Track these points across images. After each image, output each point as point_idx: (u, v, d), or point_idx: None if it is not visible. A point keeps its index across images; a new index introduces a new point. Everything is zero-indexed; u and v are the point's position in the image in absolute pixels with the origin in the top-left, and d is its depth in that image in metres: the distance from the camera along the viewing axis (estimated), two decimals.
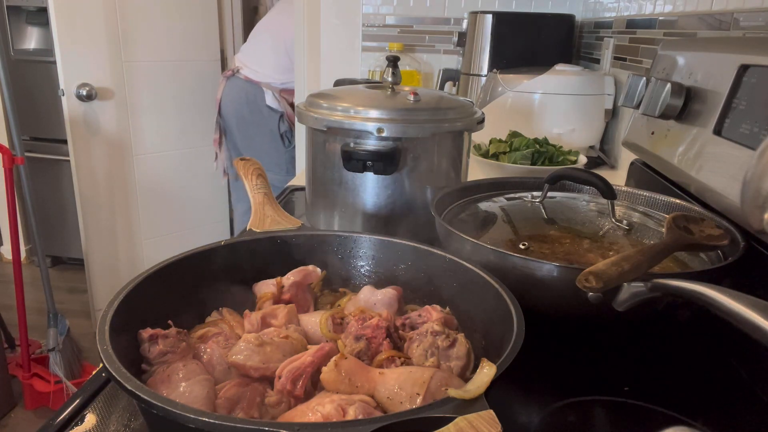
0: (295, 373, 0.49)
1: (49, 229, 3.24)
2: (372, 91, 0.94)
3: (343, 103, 0.87)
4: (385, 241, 0.69)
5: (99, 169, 2.65)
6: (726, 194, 0.68)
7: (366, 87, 0.97)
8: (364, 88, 0.97)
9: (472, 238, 0.68)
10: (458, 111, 0.91)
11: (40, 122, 3.16)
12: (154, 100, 2.78)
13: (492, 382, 0.41)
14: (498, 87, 1.55)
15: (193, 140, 2.97)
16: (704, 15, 1.05)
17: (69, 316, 2.51)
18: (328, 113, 0.88)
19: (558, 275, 0.61)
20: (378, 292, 0.63)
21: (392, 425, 0.37)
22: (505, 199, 0.88)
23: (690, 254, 0.71)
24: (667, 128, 0.88)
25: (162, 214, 2.95)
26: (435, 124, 0.87)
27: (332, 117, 0.87)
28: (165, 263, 0.59)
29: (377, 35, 2.16)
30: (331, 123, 0.87)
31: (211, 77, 3.02)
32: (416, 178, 0.89)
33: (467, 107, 0.93)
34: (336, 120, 0.87)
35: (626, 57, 1.50)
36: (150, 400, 0.39)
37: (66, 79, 2.44)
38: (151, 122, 2.80)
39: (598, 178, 0.79)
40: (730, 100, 0.72)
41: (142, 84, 2.71)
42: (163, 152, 2.89)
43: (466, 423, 0.37)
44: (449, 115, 0.89)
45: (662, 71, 0.93)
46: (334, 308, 0.66)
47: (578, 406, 0.58)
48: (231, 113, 2.63)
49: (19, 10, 3.12)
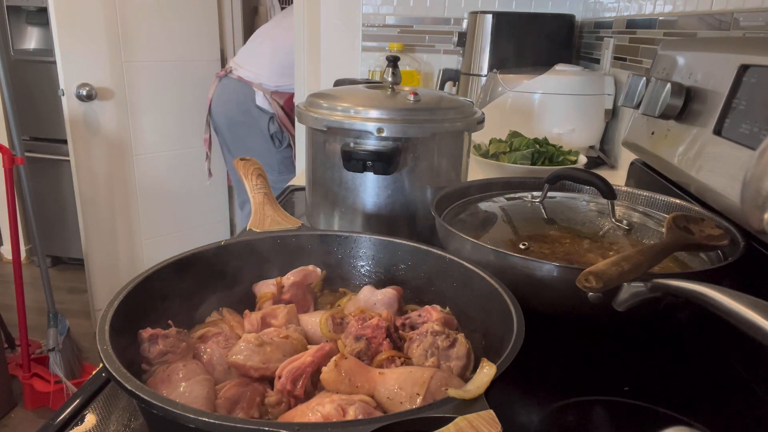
0: (295, 373, 0.49)
1: (49, 229, 3.24)
2: (372, 91, 0.94)
3: (343, 103, 0.87)
4: (385, 241, 0.69)
5: (99, 169, 2.65)
6: (726, 194, 0.68)
7: (366, 87, 0.97)
8: (364, 88, 0.97)
9: (472, 238, 0.68)
10: (458, 111, 0.91)
11: (40, 122, 3.16)
12: (154, 100, 2.78)
13: (492, 382, 0.41)
14: (498, 87, 1.55)
15: (194, 140, 2.97)
16: (704, 15, 1.05)
17: (69, 316, 2.51)
18: (328, 113, 0.88)
19: (558, 275, 0.61)
20: (378, 292, 0.63)
21: (392, 425, 0.37)
22: (505, 199, 0.88)
23: (690, 254, 0.71)
24: (667, 128, 0.88)
25: (162, 214, 2.95)
26: (435, 124, 0.87)
27: (332, 117, 0.87)
28: (165, 263, 0.59)
29: (377, 35, 2.16)
30: (331, 123, 0.87)
31: (211, 77, 3.01)
32: (416, 178, 0.89)
33: (467, 107, 0.93)
34: (336, 120, 0.87)
35: (626, 57, 1.50)
36: (150, 400, 0.39)
37: (66, 79, 2.44)
38: (151, 122, 2.80)
39: (598, 178, 0.79)
40: (730, 100, 0.72)
41: (142, 84, 2.71)
42: (163, 152, 2.89)
43: (466, 423, 0.37)
44: (449, 115, 0.89)
45: (662, 71, 0.93)
46: (334, 308, 0.66)
47: (578, 406, 0.58)
48: (221, 113, 2.63)
49: (19, 10, 3.12)
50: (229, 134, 2.67)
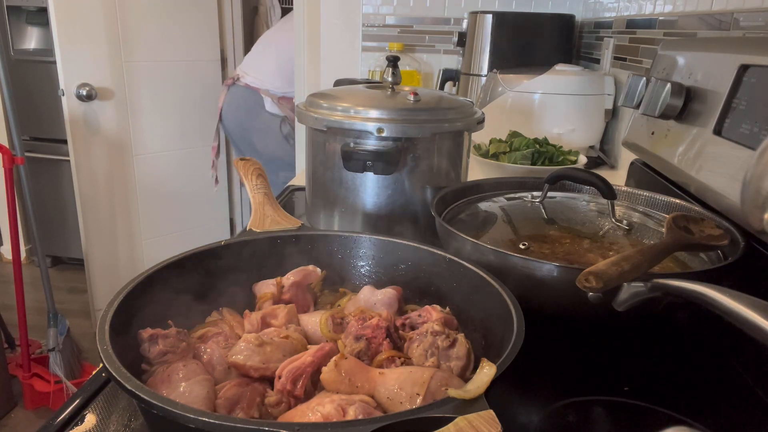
0: (295, 372, 0.49)
1: (49, 229, 3.24)
2: (372, 91, 0.94)
3: (343, 103, 0.87)
4: (385, 241, 0.69)
5: (99, 169, 2.65)
6: (726, 194, 0.68)
7: (366, 87, 0.97)
8: (364, 88, 0.97)
9: (472, 238, 0.68)
10: (458, 111, 0.91)
11: (40, 122, 3.15)
12: (154, 100, 2.78)
13: (492, 382, 0.41)
14: (498, 87, 1.55)
15: (193, 140, 2.97)
16: (704, 15, 1.05)
17: (69, 316, 2.51)
18: (328, 113, 0.88)
19: (558, 275, 0.61)
20: (378, 292, 0.63)
21: (392, 425, 0.37)
22: (505, 199, 0.88)
23: (690, 254, 0.71)
24: (667, 128, 0.88)
25: (162, 214, 2.95)
26: (435, 124, 0.87)
27: (332, 117, 0.87)
28: (165, 263, 0.59)
29: (377, 35, 2.16)
30: (331, 123, 0.87)
31: (212, 77, 3.02)
32: (416, 178, 0.89)
33: (467, 107, 0.93)
34: (336, 120, 0.87)
35: (626, 57, 1.50)
36: (150, 400, 0.39)
37: (66, 79, 2.44)
38: (151, 122, 2.80)
39: (598, 178, 0.79)
40: (730, 100, 0.72)
41: (142, 84, 2.71)
42: (163, 152, 2.89)
43: (466, 423, 0.37)
44: (449, 115, 0.89)
45: (662, 71, 0.93)
46: (335, 308, 0.66)
47: (578, 406, 0.58)
48: (232, 121, 2.67)
49: (19, 10, 3.12)
50: (244, 141, 2.71)
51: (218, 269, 0.64)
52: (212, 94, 2.93)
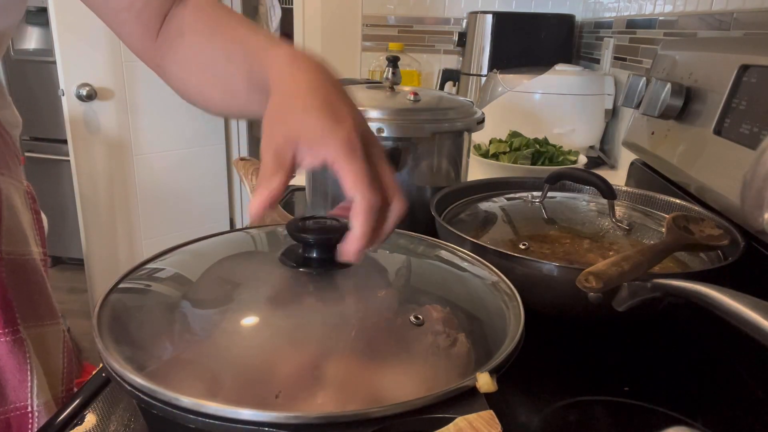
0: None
1: (49, 229, 3.23)
2: (372, 91, 0.94)
3: None
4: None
5: (99, 169, 2.64)
6: (726, 194, 0.68)
7: (366, 87, 0.97)
8: (364, 88, 0.97)
9: (472, 238, 0.68)
10: (458, 111, 0.90)
11: (40, 122, 3.15)
12: (154, 100, 2.78)
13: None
14: (498, 87, 1.55)
15: (193, 140, 2.97)
16: (704, 15, 1.05)
17: (69, 316, 2.51)
18: None
19: (558, 275, 0.61)
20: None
21: (392, 425, 0.37)
22: (505, 199, 0.88)
23: (690, 254, 0.71)
24: (667, 128, 0.88)
25: (162, 214, 2.94)
26: (435, 124, 0.87)
27: None
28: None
29: (377, 35, 2.16)
30: None
31: None
32: (416, 178, 0.89)
33: (467, 107, 0.93)
34: None
35: (626, 57, 1.50)
36: (150, 400, 0.39)
37: (66, 79, 2.44)
38: (151, 122, 2.79)
39: (598, 178, 0.79)
40: (730, 100, 0.72)
41: (142, 84, 2.71)
42: (163, 152, 2.88)
43: (466, 423, 0.37)
44: (449, 115, 0.89)
45: (662, 71, 0.93)
46: None
47: (578, 406, 0.58)
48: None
49: None
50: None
51: None
52: None
